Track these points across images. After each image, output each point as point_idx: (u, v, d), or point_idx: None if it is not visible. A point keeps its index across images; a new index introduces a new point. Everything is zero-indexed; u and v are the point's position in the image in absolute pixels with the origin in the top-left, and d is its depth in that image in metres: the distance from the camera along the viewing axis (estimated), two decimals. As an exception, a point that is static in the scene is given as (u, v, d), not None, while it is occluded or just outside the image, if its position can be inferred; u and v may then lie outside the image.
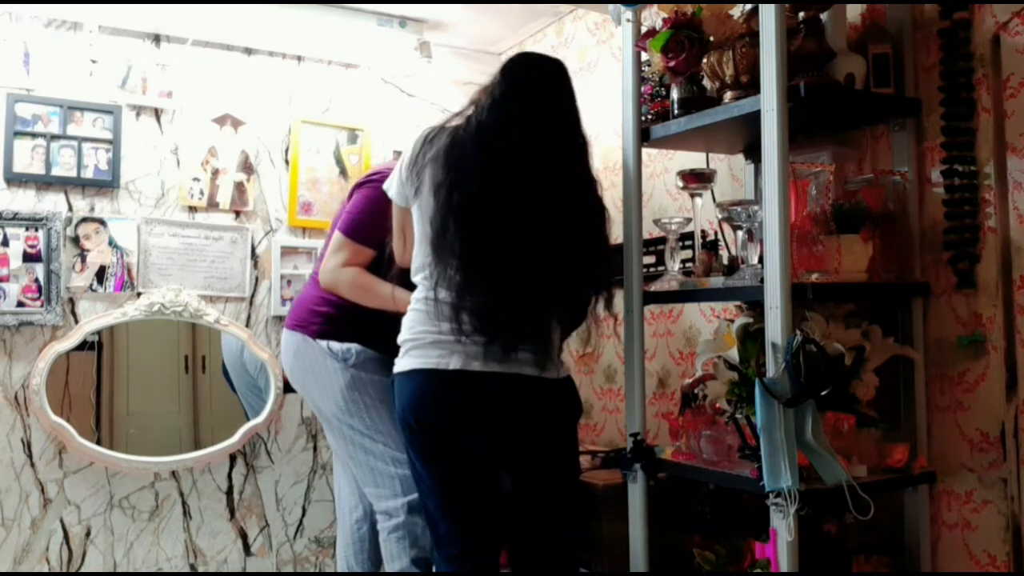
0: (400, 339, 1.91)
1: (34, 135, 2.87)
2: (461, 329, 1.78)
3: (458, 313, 1.79)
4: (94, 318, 2.90)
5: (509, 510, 1.94)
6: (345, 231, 2.28)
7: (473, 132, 1.83)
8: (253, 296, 3.18)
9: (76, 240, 2.91)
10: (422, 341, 1.85)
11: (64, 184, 2.91)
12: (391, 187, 1.98)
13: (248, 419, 3.11)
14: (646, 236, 2.34)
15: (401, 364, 1.89)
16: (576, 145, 1.89)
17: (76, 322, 2.90)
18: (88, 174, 2.93)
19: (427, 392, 1.83)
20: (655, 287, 2.09)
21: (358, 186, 2.35)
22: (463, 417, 1.84)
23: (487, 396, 1.81)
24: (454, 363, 1.80)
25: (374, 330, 2.24)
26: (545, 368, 1.83)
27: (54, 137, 2.89)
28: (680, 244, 2.20)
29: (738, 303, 2.12)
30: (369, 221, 2.24)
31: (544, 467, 1.91)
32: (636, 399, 2.11)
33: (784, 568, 1.66)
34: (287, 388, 3.16)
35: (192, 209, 3.10)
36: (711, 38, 1.96)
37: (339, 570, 2.52)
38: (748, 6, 1.91)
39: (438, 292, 1.82)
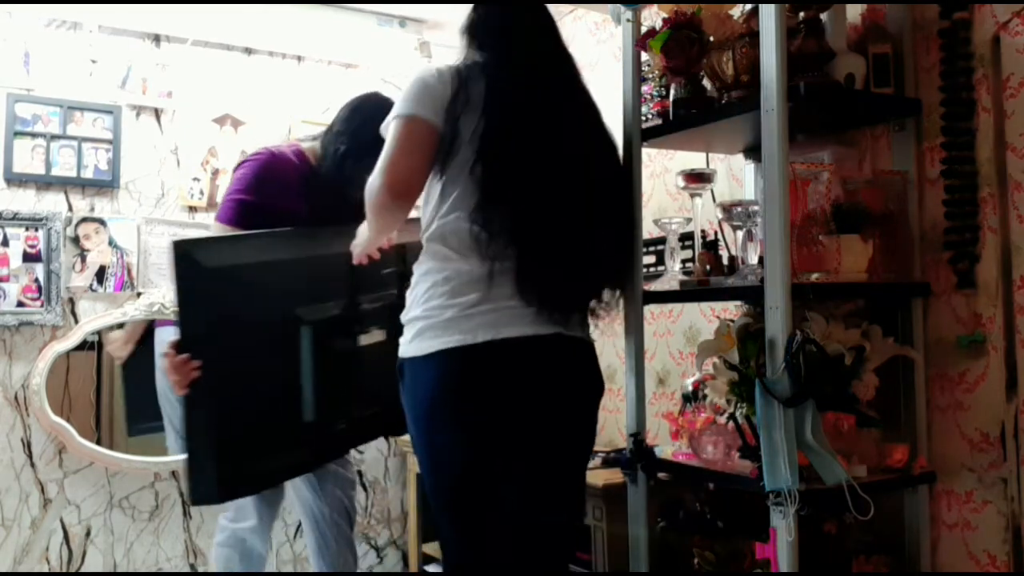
0: (429, 312, 1.67)
1: (34, 135, 2.87)
2: (522, 293, 1.63)
3: (519, 277, 1.63)
4: (94, 318, 2.91)
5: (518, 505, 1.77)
6: (224, 218, 2.05)
7: (513, 79, 1.69)
8: (253, 296, 3.18)
9: (76, 240, 2.91)
10: (462, 312, 1.63)
11: (64, 184, 2.91)
12: (417, 100, 1.67)
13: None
14: (646, 236, 2.34)
15: (441, 340, 1.63)
16: (588, 92, 1.85)
17: (76, 322, 2.90)
18: (88, 174, 2.93)
19: (496, 367, 1.63)
20: (655, 287, 2.09)
21: (235, 171, 2.16)
22: (529, 389, 1.66)
23: (556, 363, 1.68)
24: (517, 330, 1.63)
25: None
26: (586, 330, 1.77)
27: (54, 137, 2.89)
28: (680, 244, 2.20)
29: (738, 303, 2.12)
30: (253, 201, 2.05)
31: (580, 444, 1.80)
32: (636, 399, 2.11)
33: (784, 568, 1.66)
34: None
35: (192, 209, 3.10)
36: (711, 38, 1.96)
37: None
38: (748, 6, 1.91)
39: (487, 258, 1.63)
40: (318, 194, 2.12)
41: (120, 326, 2.96)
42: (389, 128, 1.71)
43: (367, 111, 2.10)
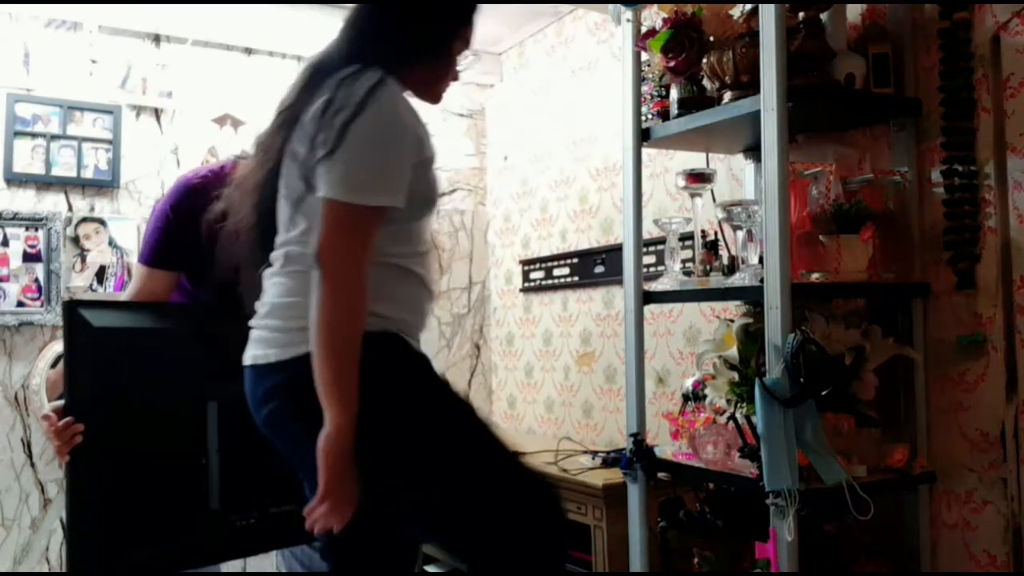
0: (405, 314, 1.49)
1: (34, 135, 2.87)
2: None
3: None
4: (94, 318, 2.91)
5: None
6: (142, 259, 1.88)
7: None
8: (253, 296, 3.18)
9: (76, 240, 2.91)
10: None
11: (64, 184, 2.91)
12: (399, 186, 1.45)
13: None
14: (646, 236, 2.34)
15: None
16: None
17: (76, 322, 2.90)
18: (88, 174, 2.93)
19: None
20: (655, 287, 2.09)
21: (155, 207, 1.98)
22: None
23: None
24: None
25: None
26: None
27: (54, 137, 2.89)
28: (680, 244, 2.20)
29: (738, 303, 2.12)
30: (167, 242, 1.83)
31: None
32: (636, 399, 2.11)
33: (784, 568, 1.66)
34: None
35: (192, 209, 3.10)
36: (711, 38, 1.96)
37: None
38: (748, 6, 1.91)
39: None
40: None
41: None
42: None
43: None
